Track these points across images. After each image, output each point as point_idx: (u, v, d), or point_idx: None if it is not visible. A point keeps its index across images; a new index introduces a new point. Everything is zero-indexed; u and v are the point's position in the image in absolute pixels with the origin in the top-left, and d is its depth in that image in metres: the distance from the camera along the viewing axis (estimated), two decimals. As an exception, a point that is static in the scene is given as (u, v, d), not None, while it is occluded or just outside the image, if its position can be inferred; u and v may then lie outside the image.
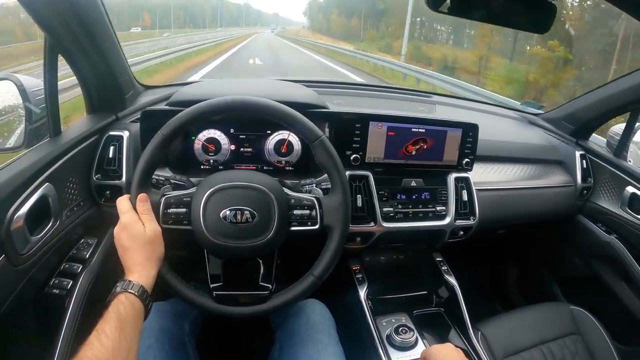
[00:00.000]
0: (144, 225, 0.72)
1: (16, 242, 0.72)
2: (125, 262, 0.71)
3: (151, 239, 0.71)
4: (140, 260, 0.69)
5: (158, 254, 0.72)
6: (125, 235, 0.71)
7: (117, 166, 0.96)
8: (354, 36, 39.14)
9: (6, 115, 0.93)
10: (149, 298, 0.67)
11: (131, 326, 0.61)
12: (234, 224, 0.76)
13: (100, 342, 0.55)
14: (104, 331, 0.57)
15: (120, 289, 0.65)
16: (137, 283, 0.66)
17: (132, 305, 0.63)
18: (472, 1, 0.73)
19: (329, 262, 0.80)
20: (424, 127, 1.05)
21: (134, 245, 0.70)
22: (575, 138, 1.45)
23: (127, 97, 1.09)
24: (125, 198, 0.76)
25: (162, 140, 0.76)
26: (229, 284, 0.85)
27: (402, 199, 1.07)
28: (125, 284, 0.66)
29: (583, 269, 1.45)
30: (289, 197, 0.83)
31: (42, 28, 0.81)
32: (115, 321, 0.59)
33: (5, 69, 5.45)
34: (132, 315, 0.62)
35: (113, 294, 0.65)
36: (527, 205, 1.30)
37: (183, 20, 72.46)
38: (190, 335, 0.96)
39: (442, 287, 1.18)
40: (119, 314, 0.60)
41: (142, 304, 0.65)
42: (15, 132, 0.94)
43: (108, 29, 0.92)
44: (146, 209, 0.74)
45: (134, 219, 0.72)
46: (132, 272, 0.68)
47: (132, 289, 0.65)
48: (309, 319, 0.94)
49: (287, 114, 0.79)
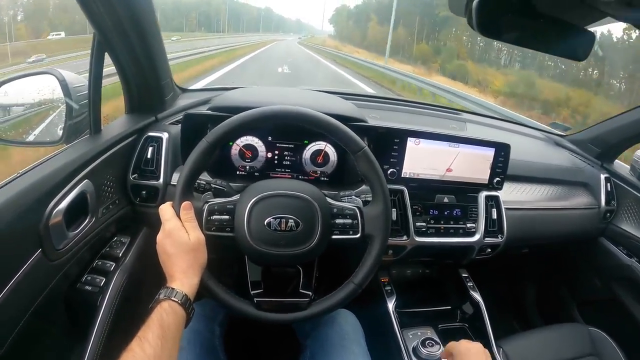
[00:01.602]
0: (188, 232, 0.72)
1: (54, 237, 0.72)
2: (167, 269, 0.70)
3: (195, 246, 0.71)
4: (183, 268, 0.69)
5: (201, 262, 0.72)
6: (169, 242, 0.70)
7: (154, 167, 0.97)
8: (399, 51, 30.64)
9: (39, 108, 0.94)
10: (191, 306, 0.67)
11: (173, 335, 0.61)
12: (277, 231, 0.77)
13: (143, 349, 0.55)
14: (147, 339, 0.56)
15: (163, 296, 0.64)
16: (180, 291, 0.65)
17: (175, 314, 0.63)
18: (506, 23, 0.72)
19: (369, 270, 0.80)
20: (459, 145, 1.06)
21: (177, 253, 0.70)
22: (601, 161, 1.45)
23: (167, 99, 1.09)
24: (168, 205, 0.75)
25: (207, 147, 0.76)
26: (269, 291, 0.86)
27: (435, 215, 1.08)
28: (168, 291, 0.65)
29: (602, 291, 1.45)
30: (332, 206, 0.83)
31: (94, 26, 0.81)
32: (158, 329, 0.59)
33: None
34: (175, 323, 0.62)
35: (156, 301, 0.64)
36: (551, 226, 1.31)
37: (195, 23, 67.39)
38: (220, 338, 0.96)
39: (467, 302, 1.18)
40: (161, 321, 0.60)
41: (184, 312, 0.65)
42: (40, 126, 0.94)
43: (157, 31, 0.92)
44: (190, 216, 0.74)
45: (177, 225, 0.72)
46: (174, 279, 0.68)
47: (175, 297, 0.64)
48: (342, 329, 0.94)
49: (334, 126, 0.79)
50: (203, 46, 18.21)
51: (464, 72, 17.78)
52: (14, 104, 0.93)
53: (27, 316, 0.69)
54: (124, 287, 0.91)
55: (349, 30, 61.24)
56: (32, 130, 0.94)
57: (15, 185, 0.69)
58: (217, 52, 16.35)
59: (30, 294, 0.70)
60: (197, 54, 13.22)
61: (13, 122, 0.93)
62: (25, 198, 0.68)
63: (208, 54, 15.17)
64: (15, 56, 11.28)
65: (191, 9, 67.80)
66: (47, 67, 0.95)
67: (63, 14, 18.77)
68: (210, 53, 15.53)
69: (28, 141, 0.92)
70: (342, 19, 75.37)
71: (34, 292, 0.71)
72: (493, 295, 1.30)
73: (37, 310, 0.71)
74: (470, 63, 18.00)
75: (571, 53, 0.75)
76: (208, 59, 13.52)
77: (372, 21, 44.41)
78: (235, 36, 49.60)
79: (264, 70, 13.07)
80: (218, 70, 11.06)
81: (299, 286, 0.88)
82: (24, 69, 1.20)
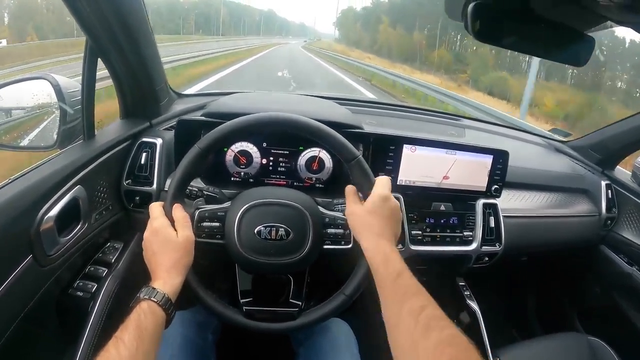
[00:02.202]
0: (177, 231, 0.71)
1: (45, 242, 0.72)
2: (151, 267, 0.70)
3: (182, 245, 0.70)
4: (167, 267, 0.68)
5: (185, 262, 0.71)
6: (155, 240, 0.70)
7: (148, 173, 0.96)
8: (414, 57, 26.66)
9: (33, 112, 0.93)
10: (172, 307, 0.66)
11: (150, 336, 0.59)
12: (268, 240, 0.76)
13: (118, 350, 0.54)
14: (123, 340, 0.55)
15: (143, 296, 0.63)
16: (161, 291, 0.65)
17: (154, 315, 0.62)
18: (504, 28, 0.70)
19: (360, 282, 0.79)
20: (456, 152, 1.04)
21: (163, 251, 0.69)
22: (602, 167, 1.44)
23: (162, 105, 1.09)
24: (158, 204, 0.75)
25: (199, 152, 0.75)
26: (258, 300, 0.85)
27: (431, 223, 1.07)
28: (149, 291, 0.64)
29: (603, 300, 1.44)
30: (324, 215, 0.83)
31: (85, 31, 0.81)
32: (135, 330, 0.58)
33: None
34: (153, 324, 0.61)
35: (136, 301, 0.64)
36: (551, 234, 1.29)
37: (192, 25, 61.89)
38: (213, 346, 0.95)
39: (464, 312, 1.16)
40: (139, 322, 0.59)
41: (164, 313, 0.64)
42: (35, 130, 0.94)
43: (150, 36, 0.92)
44: (183, 215, 0.74)
45: (165, 224, 0.71)
46: (157, 278, 0.67)
47: (155, 297, 0.63)
48: (334, 338, 0.93)
49: (327, 134, 0.78)
50: (191, 51, 14.36)
51: (502, 85, 14.82)
52: (8, 108, 0.93)
53: (18, 321, 0.69)
54: (115, 293, 0.90)
55: (356, 33, 56.59)
56: (26, 134, 0.94)
57: (7, 191, 0.68)
58: (205, 58, 13.51)
59: (21, 299, 0.70)
60: (181, 60, 10.73)
61: (7, 126, 0.93)
62: (16, 203, 0.68)
63: (199, 59, 12.66)
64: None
65: (189, 11, 64.53)
66: (41, 72, 0.95)
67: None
68: (200, 59, 12.89)
69: (22, 145, 0.92)
70: (348, 21, 68.59)
71: (25, 297, 0.71)
72: (492, 304, 1.29)
73: (29, 315, 0.71)
74: (504, 74, 15.29)
75: (571, 58, 0.74)
76: (193, 66, 11.08)
77: (383, 23, 40.15)
78: (236, 39, 45.55)
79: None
80: (198, 83, 8.58)
81: (289, 295, 0.87)
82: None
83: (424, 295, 0.62)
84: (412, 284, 0.63)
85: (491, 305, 1.23)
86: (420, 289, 0.63)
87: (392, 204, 0.74)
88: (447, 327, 0.55)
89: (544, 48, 0.73)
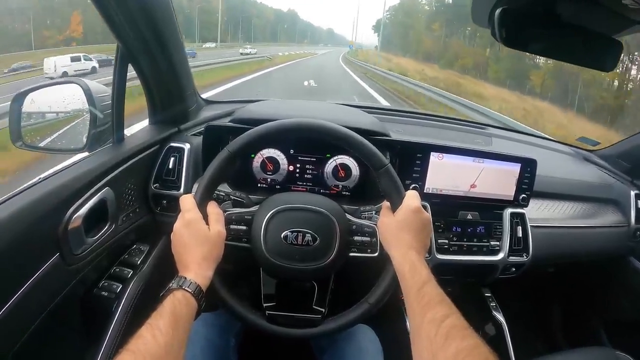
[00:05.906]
0: (209, 225, 0.71)
1: (72, 241, 0.73)
2: (181, 259, 0.69)
3: (213, 238, 0.70)
4: (198, 259, 0.68)
5: (216, 255, 0.71)
6: (187, 232, 0.70)
7: (176, 177, 0.97)
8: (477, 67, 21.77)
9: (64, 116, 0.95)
10: (203, 299, 0.66)
11: (184, 324, 0.59)
12: (294, 245, 0.76)
13: (154, 337, 0.53)
14: (158, 327, 0.55)
15: (176, 285, 0.63)
16: (193, 281, 0.64)
17: (188, 304, 0.62)
18: (531, 33, 0.68)
19: (385, 291, 0.78)
20: (484, 160, 1.02)
21: (194, 243, 0.69)
22: (631, 177, 1.40)
23: (190, 110, 1.10)
24: (189, 196, 0.75)
25: (228, 156, 0.75)
26: (281, 305, 0.84)
27: (457, 232, 1.05)
28: (181, 280, 0.64)
29: (631, 313, 1.40)
30: (351, 222, 0.82)
31: (117, 38, 0.82)
32: (170, 317, 0.57)
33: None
34: (187, 313, 0.61)
35: (168, 290, 0.63)
36: (579, 244, 1.26)
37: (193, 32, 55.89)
38: (235, 349, 0.95)
39: (490, 323, 1.14)
40: (174, 310, 0.59)
41: (196, 302, 0.64)
42: (65, 133, 0.95)
43: (180, 43, 0.93)
44: (218, 212, 0.74)
45: (197, 217, 0.71)
46: (188, 269, 0.67)
47: (189, 287, 0.63)
48: (359, 346, 0.92)
49: (356, 141, 0.78)
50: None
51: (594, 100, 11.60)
52: (41, 111, 0.95)
53: (42, 317, 0.70)
54: (139, 295, 0.91)
55: (402, 39, 45.36)
56: (58, 137, 0.96)
57: (37, 190, 0.70)
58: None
59: (46, 296, 0.71)
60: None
61: (39, 129, 0.95)
62: (45, 202, 0.69)
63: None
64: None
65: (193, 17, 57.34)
66: (72, 77, 0.97)
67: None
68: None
69: (53, 148, 0.94)
70: (395, 26, 53.94)
71: (50, 295, 0.72)
72: (516, 315, 1.26)
73: (53, 313, 0.72)
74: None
75: (598, 63, 0.73)
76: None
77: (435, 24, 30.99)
78: (240, 45, 36.29)
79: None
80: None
81: (312, 301, 0.86)
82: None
83: (447, 304, 0.61)
84: (437, 294, 0.63)
85: (515, 316, 1.20)
86: (444, 298, 0.62)
87: (423, 216, 0.74)
88: (468, 337, 0.55)
89: (570, 53, 0.72)
